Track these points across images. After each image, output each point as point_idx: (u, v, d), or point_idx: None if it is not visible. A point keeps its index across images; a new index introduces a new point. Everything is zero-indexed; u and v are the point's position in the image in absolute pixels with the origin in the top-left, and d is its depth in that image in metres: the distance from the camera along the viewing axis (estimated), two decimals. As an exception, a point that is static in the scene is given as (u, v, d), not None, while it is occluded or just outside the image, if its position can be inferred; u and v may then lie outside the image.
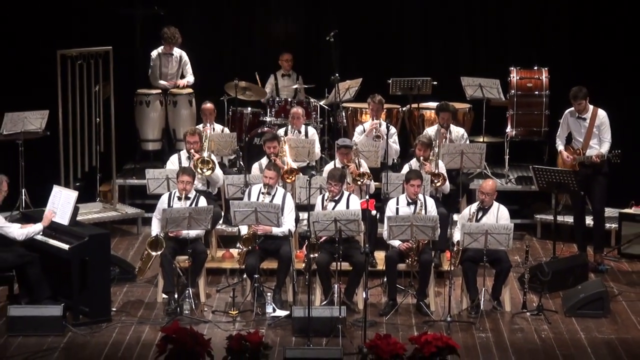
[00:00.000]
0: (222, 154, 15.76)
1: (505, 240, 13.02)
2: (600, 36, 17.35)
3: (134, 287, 14.27)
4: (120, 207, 16.57)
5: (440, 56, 18.16)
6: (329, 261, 13.22)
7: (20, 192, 15.69)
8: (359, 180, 14.32)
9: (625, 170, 15.41)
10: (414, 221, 13.12)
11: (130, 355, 12.15)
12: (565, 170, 14.74)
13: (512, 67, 17.08)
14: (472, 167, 15.61)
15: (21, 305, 12.96)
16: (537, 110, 16.96)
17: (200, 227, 13.39)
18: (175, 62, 17.34)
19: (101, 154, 16.36)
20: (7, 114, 15.66)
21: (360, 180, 14.32)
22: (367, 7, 18.32)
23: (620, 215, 15.59)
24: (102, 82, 16.18)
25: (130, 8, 17.65)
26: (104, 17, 17.53)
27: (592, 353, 12.25)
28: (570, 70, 16.82)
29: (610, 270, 14.98)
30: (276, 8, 18.54)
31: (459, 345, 11.56)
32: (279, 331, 12.82)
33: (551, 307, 13.48)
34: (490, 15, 18.18)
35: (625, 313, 13.44)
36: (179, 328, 11.51)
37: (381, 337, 11.38)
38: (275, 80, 17.46)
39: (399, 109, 17.22)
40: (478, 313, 13.16)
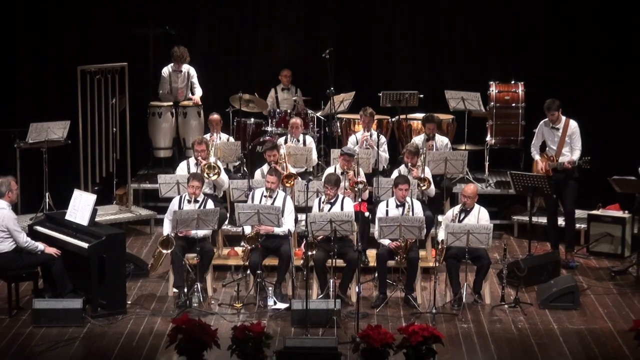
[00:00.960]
0: (228, 160, 15.77)
1: (485, 239, 13.05)
2: (571, 54, 17.35)
3: (147, 282, 14.26)
4: (134, 209, 16.55)
5: (426, 71, 18.13)
6: (325, 258, 13.21)
7: (44, 195, 15.67)
8: (356, 187, 14.33)
9: (594, 175, 15.41)
10: (402, 222, 13.12)
11: (144, 344, 12.16)
12: (539, 176, 14.76)
13: (491, 82, 17.05)
14: (455, 173, 15.58)
15: (45, 298, 12.96)
16: (514, 121, 16.95)
17: (208, 227, 13.40)
18: (184, 78, 17.33)
19: (117, 160, 16.33)
20: (32, 124, 15.63)
21: (356, 188, 14.34)
22: (360, 27, 18.32)
23: (589, 216, 15.58)
24: (118, 95, 16.15)
25: (144, 28, 17.62)
26: (120, 36, 17.52)
27: (564, 342, 12.28)
28: (543, 84, 16.82)
29: (579, 266, 14.98)
30: (277, 28, 18.49)
31: (443, 335, 11.53)
32: (280, 322, 12.83)
33: (527, 300, 13.48)
34: (471, 34, 18.14)
35: (593, 305, 13.44)
36: (189, 319, 11.49)
37: (372, 328, 11.35)
38: (275, 94, 17.46)
39: (388, 119, 17.22)
40: (460, 305, 13.18)
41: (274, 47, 18.53)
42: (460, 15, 18.13)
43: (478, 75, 17.61)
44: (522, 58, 17.79)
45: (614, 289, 14.07)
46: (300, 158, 15.46)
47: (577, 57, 17.31)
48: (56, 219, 13.75)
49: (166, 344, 11.63)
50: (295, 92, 17.67)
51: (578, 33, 17.31)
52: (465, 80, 17.54)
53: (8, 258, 12.92)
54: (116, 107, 16.19)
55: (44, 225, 13.75)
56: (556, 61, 17.43)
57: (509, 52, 17.94)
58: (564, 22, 17.40)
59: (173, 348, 11.36)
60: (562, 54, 17.43)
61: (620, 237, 15.15)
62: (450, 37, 18.20)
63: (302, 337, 11.97)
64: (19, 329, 12.54)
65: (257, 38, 18.51)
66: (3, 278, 13.10)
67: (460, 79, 17.65)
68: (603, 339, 12.35)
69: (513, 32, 17.89)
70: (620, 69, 16.90)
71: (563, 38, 17.44)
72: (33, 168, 15.94)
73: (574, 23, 17.32)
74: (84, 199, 13.50)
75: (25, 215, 15.07)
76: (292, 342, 11.41)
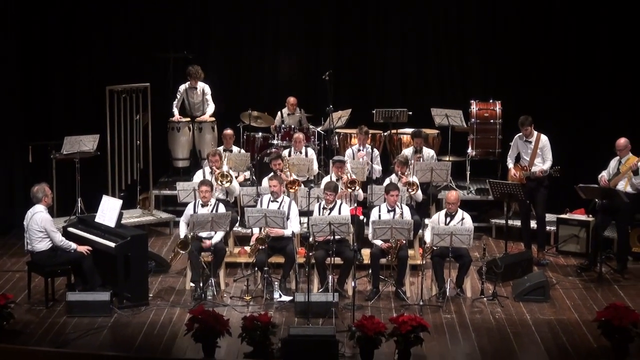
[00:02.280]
0: (239, 170, 15.76)
1: (467, 239, 13.07)
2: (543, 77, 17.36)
3: (166, 277, 14.25)
4: (156, 213, 16.53)
5: (414, 91, 18.10)
6: (325, 257, 13.21)
7: (77, 200, 15.66)
8: (351, 187, 14.35)
9: (562, 183, 15.42)
10: (393, 225, 13.13)
11: (164, 332, 12.17)
12: (514, 183, 14.75)
13: (472, 100, 17.02)
14: (440, 181, 15.58)
15: (77, 292, 12.97)
16: (492, 135, 16.93)
17: (221, 229, 13.41)
18: (199, 94, 17.31)
19: (140, 170, 16.31)
20: (66, 138, 15.63)
21: (351, 188, 14.35)
22: (356, 53, 18.29)
23: (558, 219, 15.55)
24: (141, 112, 16.14)
25: (164, 52, 17.60)
26: (144, 60, 17.51)
27: (536, 330, 12.30)
28: (518, 103, 16.79)
29: (550, 264, 14.95)
30: (282, 52, 18.47)
31: (429, 324, 11.53)
32: (284, 313, 12.83)
33: (503, 294, 13.47)
34: (454, 59, 18.12)
35: (562, 298, 13.44)
36: (204, 310, 11.52)
37: (367, 318, 11.36)
38: (282, 117, 17.42)
39: (381, 133, 17.22)
40: (445, 298, 13.18)
41: (280, 69, 18.51)
42: (445, 41, 18.11)
43: (460, 95, 17.60)
44: (499, 80, 17.77)
45: (579, 284, 14.05)
46: (303, 168, 15.47)
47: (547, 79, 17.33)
48: (87, 221, 13.76)
49: (184, 332, 11.61)
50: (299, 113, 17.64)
51: (549, 60, 17.32)
52: (449, 99, 17.53)
53: (45, 256, 12.93)
54: (140, 123, 16.18)
55: (76, 226, 13.76)
56: (529, 83, 17.44)
57: (487, 75, 17.92)
58: (537, 50, 17.39)
59: (190, 336, 11.37)
60: (535, 76, 17.43)
61: (585, 238, 15.12)
62: (436, 61, 18.18)
63: (304, 326, 12.00)
64: (55, 318, 12.55)
65: (264, 61, 18.48)
66: (41, 274, 13.09)
67: (445, 98, 17.64)
68: (570, 328, 12.36)
69: (491, 58, 17.86)
70: (586, 92, 16.90)
71: (536, 63, 17.45)
72: (67, 176, 15.94)
73: (545, 51, 17.32)
74: (111, 204, 13.54)
75: (60, 218, 15.07)
76: (295, 331, 11.42)
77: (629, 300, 13.13)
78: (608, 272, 14.35)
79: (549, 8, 17.25)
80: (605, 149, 14.90)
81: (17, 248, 15.17)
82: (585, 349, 11.73)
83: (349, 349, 11.46)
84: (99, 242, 13.16)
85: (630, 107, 16.35)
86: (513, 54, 17.66)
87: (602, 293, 13.65)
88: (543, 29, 17.32)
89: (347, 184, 14.35)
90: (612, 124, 16.01)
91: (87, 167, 16.09)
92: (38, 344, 11.72)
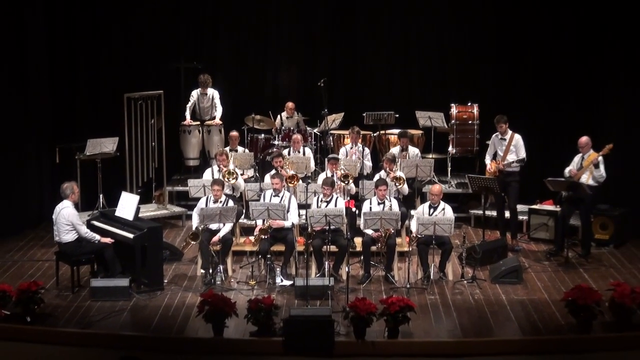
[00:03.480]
0: (243, 168, 15.77)
1: (449, 228, 13.06)
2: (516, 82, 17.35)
3: (180, 265, 14.25)
4: (169, 207, 16.53)
5: (400, 96, 18.09)
6: (321, 245, 13.22)
7: (99, 196, 15.69)
8: (344, 181, 14.37)
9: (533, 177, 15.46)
10: (383, 216, 13.15)
11: (178, 314, 12.19)
12: (490, 178, 14.76)
13: (452, 104, 17.04)
14: (424, 176, 15.58)
15: (99, 278, 12.99)
16: (470, 135, 16.94)
17: (228, 220, 13.44)
18: (209, 99, 17.34)
19: (155, 168, 16.32)
20: (89, 140, 15.67)
21: (344, 182, 14.37)
22: (348, 62, 18.32)
23: (529, 210, 15.57)
24: (156, 117, 16.16)
25: (176, 63, 17.63)
26: (158, 69, 17.52)
27: (510, 309, 12.33)
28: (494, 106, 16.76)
29: (522, 250, 14.98)
30: (282, 61, 18.49)
31: (415, 305, 11.55)
32: (286, 296, 12.84)
33: (481, 277, 13.51)
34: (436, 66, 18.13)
35: (533, 281, 13.46)
36: (213, 294, 11.54)
37: (359, 300, 11.38)
38: (281, 120, 17.42)
39: (371, 134, 17.24)
40: (429, 281, 13.19)
41: (280, 77, 18.52)
42: (427, 50, 18.11)
43: (442, 99, 17.55)
44: (477, 85, 17.76)
45: (549, 268, 14.08)
46: (301, 166, 15.49)
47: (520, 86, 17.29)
48: (108, 215, 13.76)
49: (196, 314, 11.65)
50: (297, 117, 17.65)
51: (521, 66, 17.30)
52: (432, 102, 17.52)
53: (71, 246, 12.95)
54: (154, 126, 16.19)
55: (98, 220, 13.76)
56: (504, 87, 17.43)
57: (466, 80, 17.91)
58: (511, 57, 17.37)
59: (201, 317, 11.39)
60: (509, 81, 17.42)
61: (553, 226, 15.12)
62: (420, 68, 18.19)
63: (304, 308, 12.02)
64: (80, 302, 12.56)
65: (266, 70, 18.49)
66: (67, 263, 13.09)
67: (428, 102, 17.64)
68: (541, 307, 12.39)
69: (470, 64, 17.86)
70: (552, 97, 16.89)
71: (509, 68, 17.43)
72: (90, 175, 15.91)
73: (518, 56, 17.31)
74: (129, 199, 13.55)
75: (84, 213, 15.07)
76: (295, 312, 11.43)
77: (592, 282, 13.16)
78: (574, 256, 14.36)
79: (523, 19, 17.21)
80: (569, 147, 14.93)
81: (47, 239, 15.18)
82: (554, 325, 11.76)
83: (343, 327, 11.47)
84: (119, 234, 13.16)
85: (589, 110, 16.33)
86: (489, 62, 17.65)
87: (568, 276, 13.66)
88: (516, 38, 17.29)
89: (341, 177, 14.40)
90: (575, 124, 16.01)
91: (108, 166, 16.09)
92: (65, 325, 11.75)
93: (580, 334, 11.45)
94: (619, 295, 11.60)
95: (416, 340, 11.36)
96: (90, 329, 11.61)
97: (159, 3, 17.67)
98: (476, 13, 17.67)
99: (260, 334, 11.35)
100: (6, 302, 11.85)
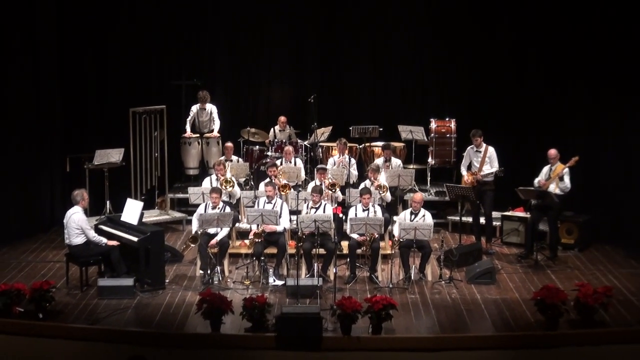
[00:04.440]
0: (239, 177, 15.77)
1: (428, 233, 13.11)
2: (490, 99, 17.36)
3: (180, 266, 14.23)
4: (171, 213, 16.51)
5: (383, 111, 18.07)
6: (311, 248, 13.24)
7: (106, 203, 15.69)
8: (331, 189, 14.38)
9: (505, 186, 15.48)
10: (367, 221, 13.18)
11: (179, 311, 12.19)
12: (466, 187, 14.81)
13: (431, 119, 17.10)
14: (405, 185, 15.59)
15: (106, 278, 12.97)
16: (448, 147, 16.97)
17: (225, 225, 13.44)
18: (207, 114, 17.34)
19: (158, 177, 16.30)
20: (97, 151, 15.67)
21: (332, 190, 14.38)
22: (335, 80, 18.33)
23: (502, 216, 15.62)
24: (159, 129, 16.14)
25: (178, 80, 17.64)
26: (161, 86, 17.54)
27: (484, 307, 12.36)
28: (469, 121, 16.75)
29: (496, 253, 15.00)
30: (275, 78, 18.48)
31: (397, 303, 11.57)
32: (278, 295, 12.84)
33: (458, 278, 13.53)
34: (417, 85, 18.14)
35: (505, 281, 13.49)
36: (211, 293, 11.54)
37: (346, 298, 11.40)
38: (274, 133, 17.42)
39: (357, 146, 17.21)
40: (410, 282, 13.23)
41: (273, 93, 18.52)
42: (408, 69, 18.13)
43: (422, 114, 17.60)
44: (454, 101, 17.80)
45: (520, 269, 14.11)
46: (292, 175, 15.49)
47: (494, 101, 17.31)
48: (114, 220, 13.76)
49: (195, 311, 11.65)
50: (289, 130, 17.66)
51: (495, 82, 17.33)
52: (413, 117, 17.55)
53: (80, 249, 12.95)
54: (157, 138, 16.18)
55: (105, 224, 13.76)
56: (479, 104, 17.45)
57: (444, 97, 17.97)
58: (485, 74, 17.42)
59: (200, 314, 11.41)
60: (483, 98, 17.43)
61: (524, 231, 15.15)
62: (402, 85, 18.20)
63: (294, 306, 11.99)
64: (88, 300, 12.55)
65: (260, 87, 18.50)
66: (77, 264, 13.09)
67: (409, 116, 17.66)
68: (512, 305, 12.42)
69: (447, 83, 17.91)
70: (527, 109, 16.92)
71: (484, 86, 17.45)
72: (98, 183, 15.89)
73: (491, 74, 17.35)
74: (134, 205, 13.55)
75: (92, 217, 15.02)
76: (287, 309, 11.43)
77: (559, 283, 13.18)
78: (542, 259, 14.40)
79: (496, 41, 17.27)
80: (539, 159, 14.98)
81: (58, 242, 15.14)
82: (525, 322, 11.79)
83: (331, 324, 11.48)
84: (125, 237, 13.16)
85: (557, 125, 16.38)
86: (465, 79, 17.68)
87: (537, 277, 13.69)
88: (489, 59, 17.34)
89: (329, 186, 14.42)
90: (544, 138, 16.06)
91: (114, 175, 16.06)
92: (74, 321, 11.75)
93: (548, 330, 11.47)
94: (582, 295, 11.65)
95: (398, 335, 11.38)
96: (98, 325, 11.59)
97: (163, 26, 17.65)
98: (453, 36, 17.66)
99: (255, 329, 11.35)
100: (20, 300, 11.84)
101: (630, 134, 15.04)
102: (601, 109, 15.64)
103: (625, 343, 11.33)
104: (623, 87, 15.08)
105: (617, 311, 12.03)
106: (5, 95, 15.31)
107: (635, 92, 14.83)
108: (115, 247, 13.06)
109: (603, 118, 15.62)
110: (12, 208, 15.51)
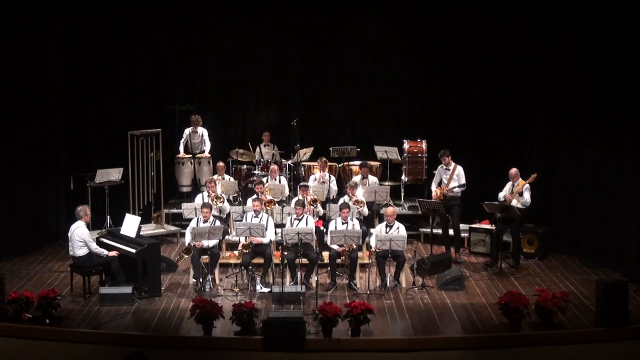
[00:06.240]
0: (229, 193, 15.80)
1: (402, 244, 13.15)
2: (458, 122, 17.48)
3: (175, 275, 14.22)
4: (166, 226, 16.49)
5: (361, 133, 18.13)
6: (295, 258, 13.27)
7: (106, 217, 15.69)
8: (313, 204, 14.43)
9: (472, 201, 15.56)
10: (346, 234, 13.20)
11: (174, 316, 12.19)
12: (437, 202, 14.89)
13: (404, 140, 17.16)
14: (381, 200, 15.64)
15: (107, 287, 12.96)
16: (420, 166, 17.01)
17: (215, 238, 13.46)
18: (199, 136, 17.36)
19: (154, 194, 16.33)
20: (98, 170, 15.71)
21: (313, 205, 14.43)
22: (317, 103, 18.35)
23: (470, 228, 15.68)
24: (155, 151, 16.18)
25: (172, 105, 17.67)
26: (157, 111, 17.53)
27: (454, 311, 12.41)
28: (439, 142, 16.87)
29: (464, 262, 15.06)
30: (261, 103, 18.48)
31: (374, 308, 11.62)
32: (264, 301, 12.85)
33: (430, 285, 13.57)
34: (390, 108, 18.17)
35: (473, 288, 13.55)
36: (203, 299, 11.56)
37: (327, 304, 11.44)
38: (260, 149, 17.48)
39: (336, 165, 17.22)
40: (385, 288, 13.24)
41: (258, 117, 18.53)
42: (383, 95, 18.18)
43: (396, 136, 17.66)
44: (425, 124, 17.88)
45: (486, 276, 14.17)
46: (277, 191, 15.50)
47: (461, 123, 17.43)
48: (114, 233, 13.79)
49: (188, 317, 11.67)
50: (273, 148, 17.70)
51: (461, 106, 17.46)
52: (388, 138, 17.62)
53: (83, 260, 12.95)
54: (153, 159, 16.21)
55: (106, 237, 13.79)
56: (447, 126, 17.54)
57: (415, 120, 18.03)
58: (452, 99, 17.54)
59: (193, 319, 11.42)
60: (451, 121, 17.53)
61: (489, 242, 15.23)
62: (378, 109, 18.19)
63: (280, 311, 12.05)
64: (90, 307, 12.55)
65: (247, 111, 18.50)
66: (80, 273, 13.09)
67: (384, 138, 17.73)
68: (479, 309, 12.48)
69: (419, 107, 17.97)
70: (491, 131, 17.04)
71: (452, 109, 17.56)
72: (99, 199, 15.89)
73: (458, 99, 17.48)
74: (132, 219, 13.57)
75: (94, 231, 15.00)
76: (273, 314, 11.47)
77: (521, 288, 13.26)
78: (506, 267, 14.46)
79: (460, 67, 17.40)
80: (502, 176, 15.09)
81: (63, 254, 15.10)
82: (490, 325, 11.85)
83: (313, 327, 11.50)
84: (124, 249, 13.18)
85: (518, 146, 16.51)
86: (435, 103, 17.78)
87: (502, 283, 13.76)
88: (456, 84, 17.46)
89: (310, 202, 14.46)
90: (507, 157, 16.19)
91: (114, 192, 16.07)
92: (78, 326, 11.75)
93: (511, 331, 11.54)
94: (542, 299, 11.74)
95: (375, 337, 11.41)
96: (100, 329, 11.60)
97: (158, 57, 17.69)
98: (425, 66, 17.78)
99: (243, 333, 11.36)
100: (29, 307, 11.85)
101: (585, 154, 15.11)
102: (557, 132, 15.69)
103: (581, 343, 11.43)
104: (578, 114, 15.09)
105: (574, 314, 12.12)
106: (17, 124, 15.37)
107: (590, 117, 14.83)
108: (115, 258, 13.06)
109: (559, 138, 15.68)
110: (22, 223, 15.50)
